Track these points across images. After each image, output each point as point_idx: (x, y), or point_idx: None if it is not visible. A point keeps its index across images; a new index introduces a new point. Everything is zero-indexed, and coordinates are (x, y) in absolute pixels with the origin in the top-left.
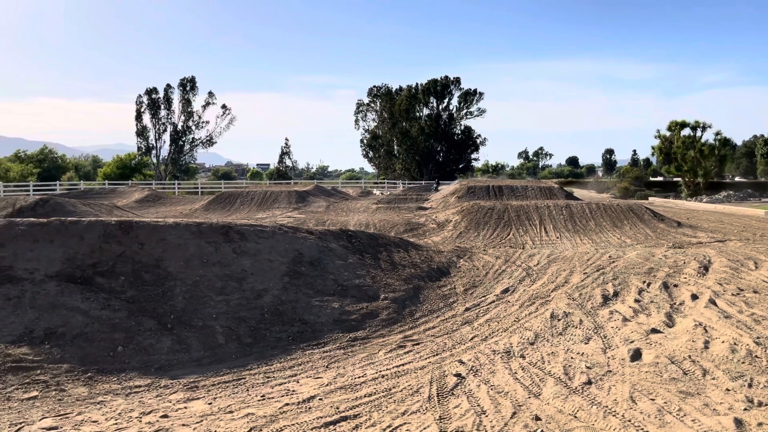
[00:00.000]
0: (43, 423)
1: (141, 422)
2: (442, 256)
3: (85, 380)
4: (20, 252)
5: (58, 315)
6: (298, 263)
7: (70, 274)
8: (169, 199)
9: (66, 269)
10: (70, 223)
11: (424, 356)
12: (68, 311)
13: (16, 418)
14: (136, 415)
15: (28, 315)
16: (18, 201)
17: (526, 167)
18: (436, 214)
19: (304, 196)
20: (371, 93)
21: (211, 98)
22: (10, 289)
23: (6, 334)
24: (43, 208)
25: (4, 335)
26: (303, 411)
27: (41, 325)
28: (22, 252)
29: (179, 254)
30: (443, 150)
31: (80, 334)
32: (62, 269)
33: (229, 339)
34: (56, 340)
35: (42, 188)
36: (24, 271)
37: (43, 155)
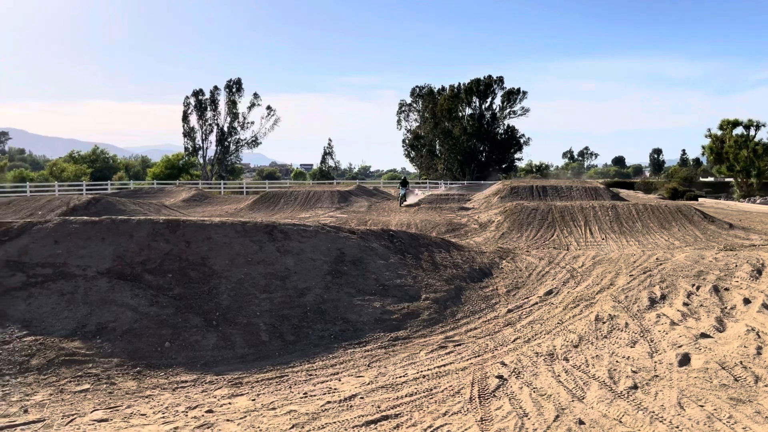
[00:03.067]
0: (94, 415)
1: (187, 416)
2: (484, 257)
3: (134, 374)
4: (74, 249)
5: (109, 310)
6: (340, 262)
7: (120, 271)
8: (215, 198)
9: (116, 266)
10: (120, 221)
11: (466, 357)
12: (118, 307)
13: (69, 410)
14: (183, 409)
15: (81, 310)
16: (72, 200)
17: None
18: (479, 214)
19: (347, 196)
20: (414, 93)
21: (256, 99)
22: (63, 285)
23: (60, 329)
24: (95, 206)
25: (57, 329)
26: (345, 409)
27: (93, 320)
28: (75, 249)
29: (224, 252)
30: (486, 150)
31: (129, 330)
32: (113, 266)
33: (272, 336)
34: (107, 335)
35: (94, 188)
36: (77, 267)
37: (95, 156)
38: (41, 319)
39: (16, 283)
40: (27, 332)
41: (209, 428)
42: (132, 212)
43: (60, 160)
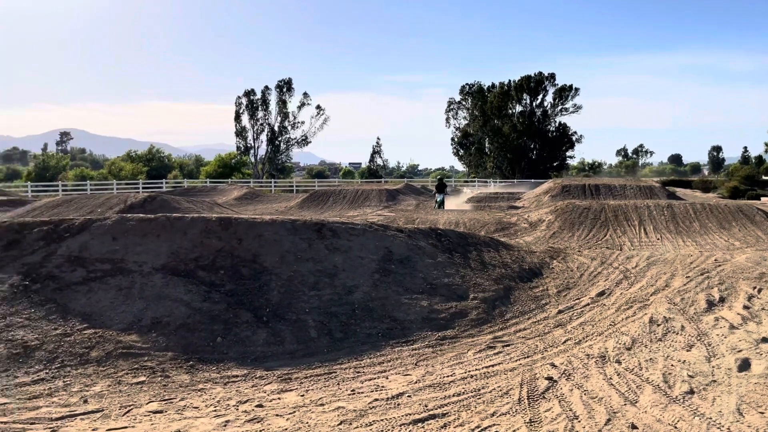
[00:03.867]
0: (150, 406)
1: (238, 410)
2: (534, 257)
3: (187, 368)
4: (131, 246)
5: (164, 305)
6: (387, 261)
7: (174, 267)
8: (266, 196)
9: (171, 262)
10: (174, 219)
11: (515, 358)
12: (172, 302)
13: (126, 401)
14: (234, 403)
15: (137, 305)
16: (129, 198)
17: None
18: (529, 213)
19: (395, 195)
20: (463, 91)
21: (306, 99)
22: (121, 280)
23: (117, 322)
24: (151, 204)
25: (115, 323)
26: (392, 407)
27: (148, 314)
28: (132, 246)
29: (275, 250)
30: (536, 148)
31: (183, 324)
32: (167, 262)
33: (320, 333)
34: (162, 329)
35: (150, 186)
36: (134, 263)
37: (151, 155)
38: (100, 313)
39: (77, 277)
40: (87, 325)
41: (259, 422)
42: (186, 210)
43: (118, 159)
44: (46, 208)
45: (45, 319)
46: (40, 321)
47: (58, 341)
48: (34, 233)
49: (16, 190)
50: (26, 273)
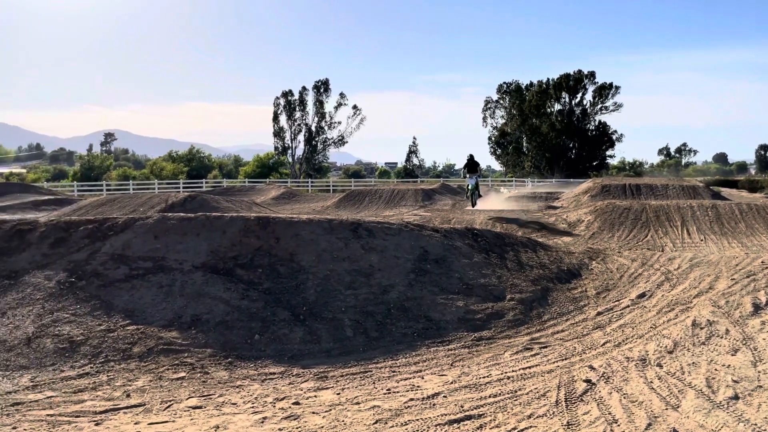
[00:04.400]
0: (190, 402)
1: (275, 407)
2: (572, 257)
3: (225, 365)
4: (171, 244)
5: (203, 303)
6: (423, 260)
7: (214, 266)
8: (303, 196)
9: (210, 261)
10: (214, 218)
11: (552, 360)
12: (212, 300)
13: (167, 396)
14: (271, 400)
15: (178, 302)
16: (170, 197)
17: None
18: (567, 213)
19: (431, 194)
20: (500, 90)
21: (343, 99)
22: (162, 277)
23: (159, 319)
24: (191, 203)
25: (157, 319)
26: (427, 407)
27: (188, 311)
28: (173, 244)
29: (312, 249)
30: (575, 147)
31: (222, 322)
32: (207, 261)
33: (356, 332)
34: (201, 326)
35: (190, 185)
36: (174, 261)
37: (191, 155)
38: (142, 310)
39: (120, 275)
40: (129, 321)
41: (296, 420)
42: (225, 209)
43: (159, 159)
44: (91, 207)
45: (90, 315)
46: (86, 317)
47: (102, 337)
48: (80, 231)
49: (62, 189)
50: (72, 270)
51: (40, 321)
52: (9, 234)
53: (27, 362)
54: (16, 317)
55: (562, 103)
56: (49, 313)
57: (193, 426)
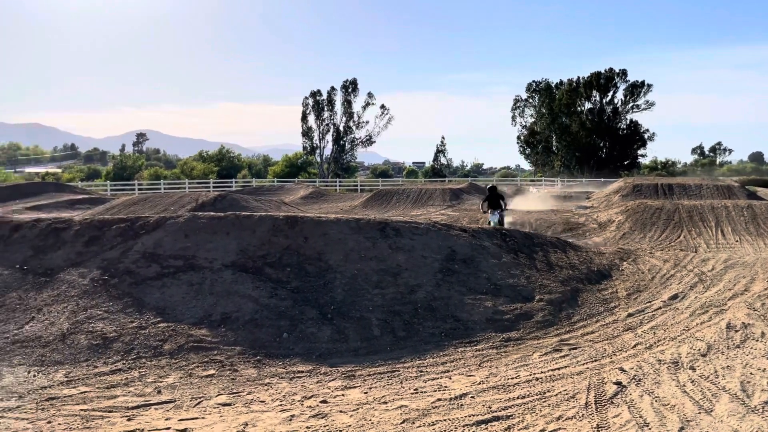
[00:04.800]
0: (219, 399)
1: (303, 405)
2: (603, 258)
3: (254, 362)
4: (201, 243)
5: (233, 301)
6: (451, 260)
7: (243, 264)
8: (331, 196)
9: (239, 259)
10: (243, 217)
11: (582, 361)
12: (241, 298)
13: (196, 393)
14: (299, 398)
15: (208, 300)
16: (200, 197)
17: (701, 164)
18: (598, 213)
19: (458, 194)
20: (529, 88)
21: (371, 99)
22: (192, 276)
23: (189, 317)
24: (221, 203)
25: (187, 317)
26: (455, 407)
27: (218, 309)
28: (203, 243)
29: (339, 248)
30: (606, 146)
31: (251, 320)
32: (236, 259)
33: (384, 331)
34: (230, 324)
35: (220, 185)
36: (204, 260)
37: (221, 155)
38: (173, 307)
39: (151, 273)
40: (160, 319)
41: (323, 418)
42: (254, 209)
43: (190, 159)
44: (124, 206)
45: (122, 312)
46: (118, 314)
47: (134, 334)
48: (113, 230)
49: (96, 188)
50: (105, 268)
51: (75, 318)
52: (45, 232)
53: (62, 358)
54: (51, 314)
55: (593, 101)
56: (83, 310)
57: (222, 423)
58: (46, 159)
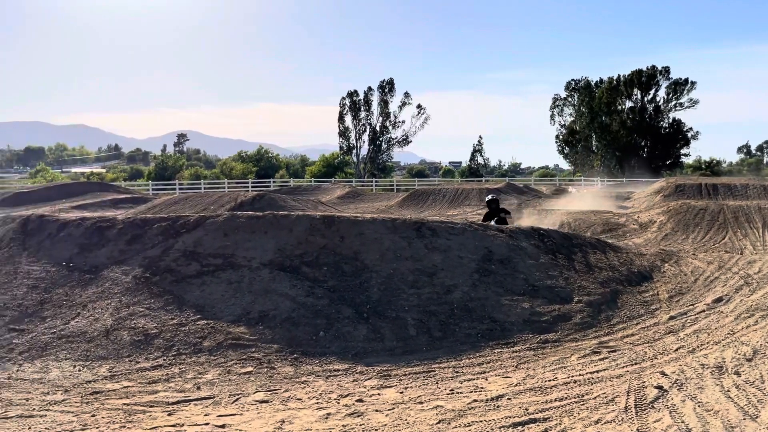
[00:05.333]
0: (256, 396)
1: (339, 404)
2: (644, 260)
3: (291, 360)
4: (240, 242)
5: (270, 299)
6: (487, 261)
7: (280, 263)
8: (367, 195)
9: (277, 258)
10: (281, 216)
11: (621, 364)
12: (278, 296)
13: (235, 390)
14: (335, 397)
15: (246, 298)
16: (239, 196)
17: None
18: (638, 213)
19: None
20: (568, 87)
21: (407, 99)
22: (231, 274)
23: (228, 314)
24: (259, 202)
25: (226, 315)
26: (491, 409)
27: (256, 307)
28: (242, 242)
29: (375, 248)
30: (647, 145)
31: (288, 318)
32: (274, 258)
33: (419, 331)
34: (268, 322)
35: (258, 185)
36: (243, 258)
37: (259, 155)
38: (212, 305)
39: (192, 271)
40: (200, 316)
41: (359, 417)
42: (292, 208)
43: (229, 159)
44: (165, 205)
45: (163, 309)
46: (159, 311)
47: (174, 330)
48: (154, 229)
49: (138, 188)
50: (147, 266)
51: (118, 314)
52: (90, 231)
53: (105, 353)
54: (95, 310)
55: (634, 100)
56: (126, 306)
57: (259, 419)
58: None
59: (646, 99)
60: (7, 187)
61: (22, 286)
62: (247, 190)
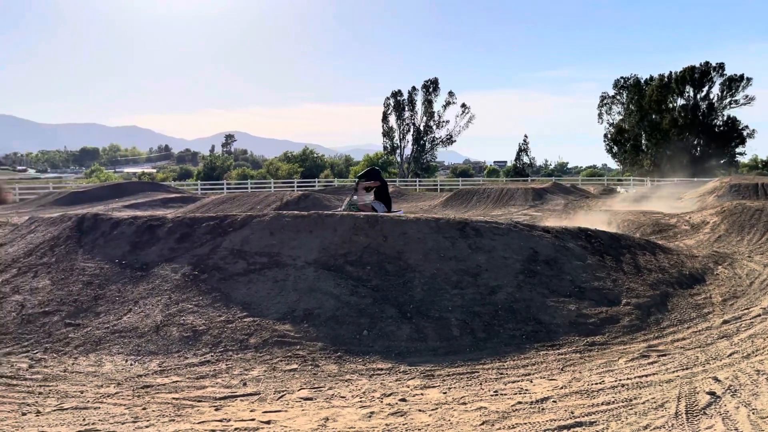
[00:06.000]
0: (301, 393)
1: (382, 403)
2: (695, 262)
3: (335, 359)
4: (286, 241)
5: (315, 298)
6: (533, 261)
7: (325, 262)
8: (411, 195)
9: (321, 257)
10: (325, 216)
11: (671, 369)
12: (323, 295)
13: (280, 386)
14: (378, 395)
15: (291, 296)
16: (285, 196)
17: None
18: (690, 214)
19: (541, 194)
20: (617, 85)
21: (452, 98)
22: (277, 272)
23: (273, 312)
24: (304, 202)
25: (271, 312)
26: (536, 411)
27: (301, 306)
28: (287, 241)
29: (418, 248)
30: (700, 144)
31: (332, 317)
32: (318, 257)
33: (463, 332)
34: (312, 320)
35: (304, 184)
36: (288, 257)
37: (305, 155)
38: (258, 303)
39: (238, 269)
40: (246, 313)
41: (402, 416)
42: (336, 208)
43: (275, 159)
44: (213, 204)
45: (211, 306)
46: (207, 308)
47: (221, 327)
48: (203, 227)
49: (187, 187)
50: (195, 264)
51: (167, 311)
52: (141, 229)
53: (155, 348)
54: (146, 306)
55: (686, 97)
56: (175, 303)
57: (304, 416)
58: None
59: (699, 96)
60: (64, 187)
61: (77, 283)
62: (293, 190)
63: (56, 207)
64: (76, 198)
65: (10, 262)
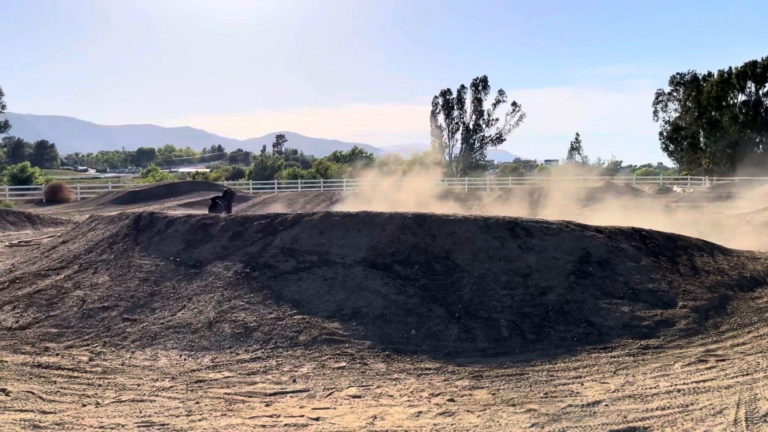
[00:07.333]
0: (349, 391)
1: (430, 402)
2: (757, 264)
3: (383, 357)
4: (334, 239)
5: (363, 296)
6: (584, 262)
7: (373, 261)
8: (459, 195)
9: (369, 256)
10: (374, 215)
11: (731, 374)
12: (371, 294)
13: (328, 384)
14: (426, 395)
15: (340, 294)
16: (334, 195)
17: None
18: (752, 214)
19: (594, 194)
20: (673, 81)
21: (501, 96)
22: (326, 271)
23: (322, 310)
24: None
25: (321, 310)
26: (587, 414)
27: (349, 304)
28: (336, 239)
29: (467, 247)
30: (763, 141)
31: (380, 315)
32: (366, 256)
33: (512, 333)
34: (361, 319)
35: (352, 184)
36: (337, 256)
37: (354, 155)
38: (308, 301)
39: (289, 267)
40: (296, 311)
41: (450, 416)
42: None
43: (324, 159)
44: (264, 203)
45: (262, 303)
46: (258, 305)
47: (272, 324)
48: (254, 226)
49: (240, 187)
50: (247, 261)
51: (220, 307)
52: (195, 227)
53: (208, 344)
54: (200, 303)
55: (748, 93)
56: (227, 300)
57: (352, 414)
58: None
59: (761, 92)
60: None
61: (134, 279)
62: (342, 189)
63: (114, 205)
64: (133, 197)
65: (72, 259)
